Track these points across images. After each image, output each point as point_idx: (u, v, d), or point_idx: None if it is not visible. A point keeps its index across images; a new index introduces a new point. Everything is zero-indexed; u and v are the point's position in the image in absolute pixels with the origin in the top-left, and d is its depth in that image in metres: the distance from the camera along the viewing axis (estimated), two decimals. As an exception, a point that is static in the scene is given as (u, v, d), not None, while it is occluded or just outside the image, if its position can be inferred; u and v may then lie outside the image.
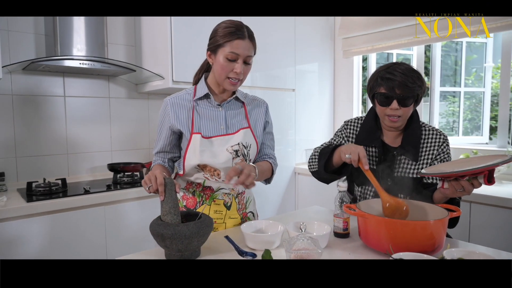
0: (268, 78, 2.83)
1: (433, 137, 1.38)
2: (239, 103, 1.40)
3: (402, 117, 1.30)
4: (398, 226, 1.03)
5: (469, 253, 0.94)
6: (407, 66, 1.30)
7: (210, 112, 1.33)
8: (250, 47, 1.25)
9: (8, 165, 2.19)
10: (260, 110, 1.43)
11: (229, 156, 1.29)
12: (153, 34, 2.43)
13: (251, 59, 1.27)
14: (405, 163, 1.37)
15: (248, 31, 1.26)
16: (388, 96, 1.28)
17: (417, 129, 1.36)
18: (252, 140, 1.35)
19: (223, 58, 1.22)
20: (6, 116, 2.18)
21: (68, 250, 1.88)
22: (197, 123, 1.30)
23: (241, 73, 1.25)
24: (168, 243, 1.00)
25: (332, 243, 1.17)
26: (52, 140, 2.34)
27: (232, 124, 1.34)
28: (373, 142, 1.40)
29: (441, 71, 3.13)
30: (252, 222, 1.22)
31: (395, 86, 1.26)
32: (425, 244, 1.01)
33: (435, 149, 1.36)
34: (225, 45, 1.21)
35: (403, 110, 1.28)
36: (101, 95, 2.52)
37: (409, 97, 1.27)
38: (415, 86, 1.26)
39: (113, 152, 2.58)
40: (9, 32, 2.15)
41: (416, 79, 1.27)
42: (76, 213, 1.94)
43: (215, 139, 1.29)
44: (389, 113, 1.30)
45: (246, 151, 1.32)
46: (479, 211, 2.06)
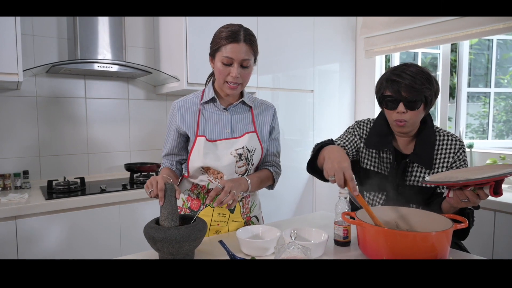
0: (286, 79, 2.80)
1: (448, 143, 1.29)
2: (246, 107, 1.38)
3: (410, 122, 1.23)
4: (398, 237, 0.98)
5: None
6: (416, 68, 1.22)
7: (216, 115, 1.33)
8: (246, 50, 1.22)
9: (32, 163, 2.30)
10: (267, 114, 1.41)
11: (233, 159, 1.28)
12: (169, 37, 2.47)
13: (248, 62, 1.24)
14: (418, 171, 1.29)
15: (246, 34, 1.23)
16: (394, 99, 1.22)
17: (431, 135, 1.29)
18: (257, 144, 1.34)
19: (219, 63, 1.23)
20: (31, 117, 2.28)
21: (83, 247, 1.95)
22: (203, 126, 1.31)
23: (238, 77, 1.23)
24: (159, 246, 1.00)
25: (330, 251, 1.13)
26: (73, 140, 2.43)
27: (238, 128, 1.34)
28: (385, 147, 1.32)
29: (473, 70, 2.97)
30: (249, 227, 1.20)
31: (401, 89, 1.19)
32: (426, 256, 0.95)
33: (451, 156, 1.28)
34: (221, 49, 1.21)
35: (411, 114, 1.21)
36: (120, 96, 2.59)
37: (416, 100, 1.19)
38: (423, 88, 1.18)
39: (132, 152, 2.65)
40: (34, 36, 2.26)
41: (424, 80, 1.19)
42: (92, 211, 2.01)
43: (219, 142, 1.30)
44: (395, 117, 1.24)
45: (250, 155, 1.31)
46: (504, 221, 1.94)
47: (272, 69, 2.70)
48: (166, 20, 2.50)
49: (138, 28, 2.61)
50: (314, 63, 2.95)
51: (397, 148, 1.34)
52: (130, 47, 2.58)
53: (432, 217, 1.10)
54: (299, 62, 2.85)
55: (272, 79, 2.71)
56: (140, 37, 2.62)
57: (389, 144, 1.31)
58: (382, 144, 1.33)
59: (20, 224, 1.80)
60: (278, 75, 2.76)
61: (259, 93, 2.63)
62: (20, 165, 2.25)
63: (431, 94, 1.22)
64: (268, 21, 2.60)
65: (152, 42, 2.68)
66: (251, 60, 1.25)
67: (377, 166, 1.36)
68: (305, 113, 2.95)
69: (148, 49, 2.67)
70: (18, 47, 1.84)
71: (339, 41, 3.12)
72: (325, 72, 3.06)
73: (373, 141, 1.35)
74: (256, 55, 1.29)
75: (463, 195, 1.02)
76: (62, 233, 1.91)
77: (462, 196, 1.02)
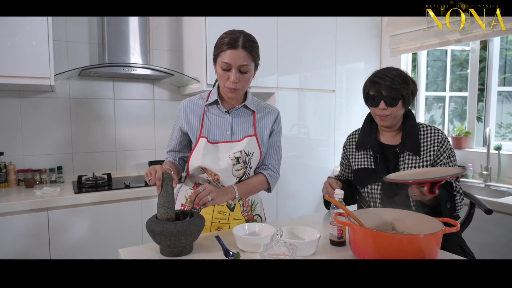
0: (307, 79, 2.81)
1: (431, 134, 1.44)
2: (248, 111, 1.42)
3: (391, 116, 1.41)
4: (385, 239, 0.99)
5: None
6: (396, 71, 1.41)
7: (218, 118, 1.39)
8: (244, 56, 1.24)
9: (66, 160, 2.49)
10: (269, 118, 1.44)
11: (230, 162, 1.33)
12: (191, 39, 2.57)
13: (247, 68, 1.27)
14: (408, 158, 1.43)
15: (245, 41, 1.26)
16: (376, 97, 1.41)
17: (414, 126, 1.46)
18: (256, 148, 1.38)
19: (219, 68, 1.28)
20: (64, 117, 2.47)
21: (108, 239, 2.09)
22: (206, 127, 1.37)
23: (237, 82, 1.26)
24: (158, 239, 1.08)
25: (322, 250, 1.16)
26: (102, 138, 2.60)
27: (238, 131, 1.38)
28: (369, 143, 1.50)
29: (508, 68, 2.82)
30: (246, 224, 1.25)
31: (381, 88, 1.39)
32: (413, 258, 0.96)
33: (435, 145, 1.42)
34: (220, 55, 1.26)
35: (391, 110, 1.40)
36: (146, 97, 2.73)
37: (394, 97, 1.38)
38: (400, 88, 1.37)
39: (156, 150, 2.78)
40: (68, 42, 2.44)
41: (402, 81, 1.38)
42: (117, 205, 2.15)
43: (220, 144, 1.35)
44: (378, 113, 1.43)
45: (248, 158, 1.36)
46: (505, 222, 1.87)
47: (292, 69, 2.72)
48: (189, 23, 2.60)
49: (163, 32, 2.74)
50: (336, 63, 2.93)
51: (384, 142, 1.51)
52: (156, 50, 2.71)
53: (426, 220, 1.10)
54: (320, 62, 2.85)
55: (292, 80, 2.74)
56: (165, 40, 2.75)
57: (372, 140, 1.50)
58: (366, 142, 1.52)
59: (52, 215, 1.97)
60: (299, 76, 2.78)
61: (279, 94, 2.66)
62: (55, 161, 2.45)
63: (408, 93, 1.40)
64: (287, 21, 2.63)
65: (176, 45, 2.79)
66: (250, 65, 1.28)
67: (366, 163, 1.51)
68: (327, 113, 2.94)
69: (173, 52, 2.79)
70: (50, 53, 2.00)
71: (363, 40, 3.08)
72: (348, 72, 3.03)
73: (361, 142, 1.54)
74: (257, 61, 1.32)
75: (411, 190, 1.24)
76: (88, 225, 2.06)
77: (411, 191, 1.24)
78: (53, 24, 2.08)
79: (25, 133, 2.37)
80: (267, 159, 1.45)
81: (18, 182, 2.29)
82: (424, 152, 1.42)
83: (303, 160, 2.85)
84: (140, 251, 1.18)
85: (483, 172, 2.46)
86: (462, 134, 2.69)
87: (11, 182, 2.26)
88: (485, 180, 2.45)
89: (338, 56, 2.93)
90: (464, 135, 2.68)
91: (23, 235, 1.90)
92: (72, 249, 2.02)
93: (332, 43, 2.89)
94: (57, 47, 2.37)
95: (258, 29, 2.47)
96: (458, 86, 3.24)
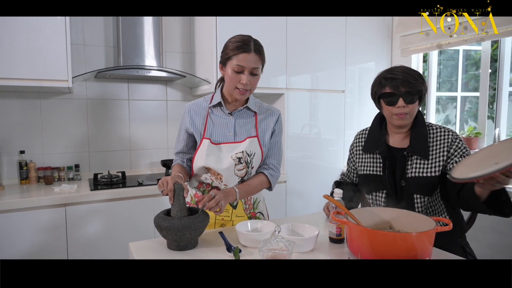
0: (317, 80, 2.85)
1: (441, 135, 1.38)
2: (251, 112, 1.48)
3: (410, 114, 1.35)
4: (379, 237, 1.03)
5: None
6: (406, 67, 1.37)
7: (222, 119, 1.45)
8: (256, 59, 1.32)
9: (83, 158, 2.61)
10: (271, 119, 1.49)
11: (232, 162, 1.39)
12: (202, 42, 2.64)
13: (257, 70, 1.34)
14: (417, 162, 1.38)
15: (255, 45, 1.33)
16: (394, 95, 1.34)
17: (423, 128, 1.40)
18: (258, 148, 1.43)
19: (231, 70, 1.33)
20: (81, 117, 2.59)
21: (121, 233, 2.18)
22: (210, 129, 1.43)
23: (248, 84, 1.33)
24: (165, 233, 1.15)
25: (321, 247, 1.20)
26: (117, 137, 2.70)
27: (241, 132, 1.44)
28: (378, 148, 1.45)
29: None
30: (249, 221, 1.30)
31: (399, 84, 1.32)
32: (406, 255, 0.99)
33: (445, 146, 1.36)
34: (233, 58, 1.32)
35: (410, 107, 1.34)
36: (159, 98, 2.82)
37: (413, 93, 1.33)
38: (417, 83, 1.32)
39: (169, 149, 2.87)
40: (85, 46, 2.55)
41: (417, 76, 1.33)
42: (130, 202, 2.24)
43: (223, 145, 1.41)
44: (396, 111, 1.35)
45: (249, 159, 1.42)
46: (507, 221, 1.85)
47: (302, 70, 2.76)
48: (200, 26, 2.67)
49: (176, 35, 2.82)
50: (346, 63, 2.95)
51: (393, 145, 1.45)
52: (168, 52, 2.80)
53: (421, 219, 1.13)
54: (330, 63, 2.88)
55: (301, 80, 2.78)
56: (177, 43, 2.83)
57: (382, 145, 1.44)
58: (376, 146, 1.46)
59: (69, 210, 2.07)
60: (308, 76, 2.82)
61: (288, 94, 2.70)
62: (72, 159, 2.57)
63: (424, 89, 1.36)
64: (297, 22, 2.67)
65: (188, 47, 2.87)
66: (259, 68, 1.36)
67: (372, 169, 1.47)
68: (337, 113, 2.97)
69: (185, 54, 2.87)
70: (68, 57, 2.11)
71: (373, 41, 3.09)
72: (358, 72, 3.05)
73: (369, 145, 1.49)
74: (264, 64, 1.39)
75: (494, 180, 1.04)
76: (103, 220, 2.16)
77: (493, 181, 1.05)
78: (71, 28, 2.18)
79: (45, 133, 2.49)
80: (268, 158, 1.50)
81: (38, 179, 2.42)
82: (433, 155, 1.36)
83: (313, 159, 2.89)
84: (148, 245, 1.25)
85: (493, 173, 2.44)
86: (473, 134, 2.67)
87: (31, 179, 2.38)
88: (495, 181, 2.44)
89: (348, 57, 2.95)
90: (474, 135, 2.67)
91: (43, 229, 2.01)
92: (87, 243, 2.12)
93: (342, 44, 2.91)
94: (75, 50, 2.48)
95: (267, 30, 2.54)
96: (474, 85, 3.21)
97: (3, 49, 1.97)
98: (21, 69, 2.02)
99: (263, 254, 1.01)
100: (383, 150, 1.43)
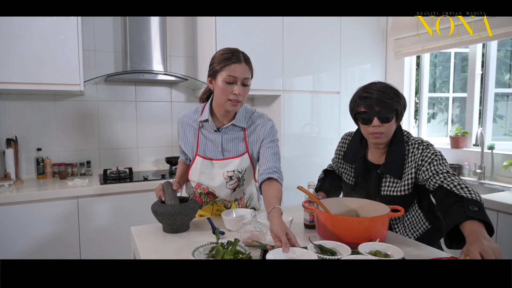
0: (312, 81, 3.01)
1: (414, 151, 1.35)
2: (238, 128, 1.47)
3: (385, 133, 1.34)
4: (340, 221, 1.20)
5: (387, 247, 1.07)
6: (383, 84, 1.35)
7: (210, 135, 1.47)
8: (246, 70, 1.33)
9: (93, 155, 2.83)
10: (260, 131, 1.47)
11: (224, 180, 1.47)
12: (203, 46, 2.83)
13: (248, 81, 1.35)
14: (390, 181, 1.39)
15: (244, 55, 1.35)
16: (368, 114, 1.33)
17: (400, 146, 1.37)
18: (248, 163, 1.48)
19: (222, 82, 1.32)
20: (93, 117, 2.81)
21: (128, 224, 2.39)
22: (202, 145, 1.48)
23: (240, 95, 1.33)
24: (160, 218, 1.34)
25: (296, 230, 1.36)
26: (125, 136, 2.92)
27: (228, 149, 1.46)
28: (355, 162, 1.48)
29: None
30: (234, 209, 1.48)
31: (373, 104, 1.31)
32: (362, 237, 1.15)
33: (415, 160, 1.34)
34: (223, 69, 1.31)
35: (385, 126, 1.33)
36: (164, 99, 3.03)
37: (388, 112, 1.31)
38: (392, 102, 1.30)
39: (173, 147, 3.07)
40: (96, 52, 2.77)
41: (392, 95, 1.31)
42: (137, 195, 2.45)
43: (215, 162, 1.47)
44: (371, 131, 1.34)
45: (240, 175, 1.47)
46: (507, 221, 1.98)
47: (298, 72, 2.93)
48: (201, 31, 2.86)
49: (179, 40, 3.02)
50: (341, 66, 3.11)
51: (371, 161, 1.46)
52: (173, 56, 3.00)
53: (381, 207, 1.29)
54: (325, 65, 3.03)
55: (297, 82, 2.94)
56: (181, 48, 3.03)
57: (359, 160, 1.46)
58: (354, 159, 1.48)
59: (81, 203, 2.29)
60: (304, 78, 2.98)
61: (284, 96, 2.88)
62: (84, 156, 2.79)
63: (400, 107, 1.34)
64: (293, 27, 2.83)
65: (191, 51, 3.07)
66: (250, 78, 1.37)
67: (348, 179, 1.54)
68: (332, 114, 3.12)
69: (188, 58, 3.07)
70: (80, 63, 2.32)
71: (369, 43, 3.23)
72: (353, 74, 3.20)
73: (348, 156, 1.52)
74: (252, 74, 1.40)
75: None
76: (112, 211, 2.37)
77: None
78: (83, 35, 2.39)
79: (59, 132, 2.72)
80: (269, 162, 1.41)
81: (53, 174, 2.65)
82: (405, 173, 1.34)
83: (311, 158, 3.04)
84: (146, 229, 1.44)
85: (476, 171, 2.58)
86: (460, 134, 2.80)
87: (47, 174, 2.61)
88: (479, 178, 2.57)
89: (343, 59, 3.10)
90: (462, 135, 2.80)
91: (58, 219, 2.23)
92: (98, 231, 2.33)
93: (337, 46, 3.06)
94: (86, 55, 2.70)
95: (264, 36, 2.72)
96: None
97: (21, 55, 2.19)
98: (38, 74, 2.24)
99: (241, 235, 1.19)
100: (358, 166, 1.45)
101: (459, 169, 2.73)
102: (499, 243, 2.01)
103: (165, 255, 1.16)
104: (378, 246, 1.08)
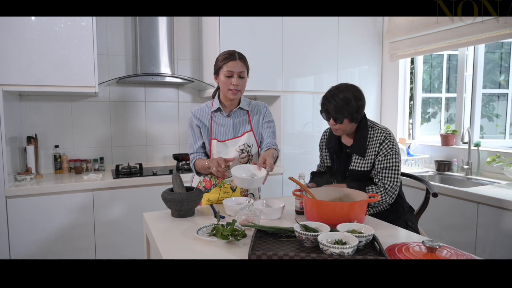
0: (311, 82, 3.19)
1: (376, 135, 1.68)
2: (244, 111, 1.85)
3: (341, 129, 1.69)
4: (323, 206, 1.38)
5: (361, 227, 1.25)
6: (344, 88, 1.66)
7: (222, 121, 1.81)
8: (241, 65, 1.70)
9: (106, 151, 3.04)
10: (260, 114, 1.86)
11: (237, 154, 1.77)
12: (208, 49, 3.03)
13: (244, 74, 1.72)
14: (356, 158, 1.71)
15: (239, 54, 1.72)
16: (327, 115, 1.70)
17: (364, 131, 1.71)
18: (253, 140, 1.81)
19: (223, 76, 1.71)
20: (105, 117, 3.02)
21: (138, 215, 2.59)
22: (215, 130, 1.80)
23: (238, 85, 1.69)
24: (169, 204, 1.54)
25: (287, 216, 1.56)
26: (135, 134, 3.13)
27: (238, 129, 1.82)
28: (330, 144, 1.83)
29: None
30: (234, 198, 1.68)
31: (328, 109, 1.66)
32: (342, 220, 1.32)
33: (377, 144, 1.66)
34: (223, 67, 1.70)
35: (339, 125, 1.68)
36: (172, 100, 3.23)
37: (341, 118, 1.65)
38: (343, 110, 1.63)
39: (180, 145, 3.28)
40: (108, 56, 2.98)
41: (344, 104, 1.62)
42: (146, 189, 2.65)
43: (228, 141, 1.79)
44: (331, 126, 1.74)
45: (249, 149, 1.80)
46: (487, 213, 2.13)
47: (298, 73, 3.11)
48: (207, 35, 3.06)
49: (186, 44, 3.22)
50: (338, 67, 3.28)
51: (344, 143, 1.80)
52: (180, 60, 3.20)
53: (361, 195, 1.47)
54: (323, 67, 3.21)
55: (297, 84, 3.12)
56: (187, 51, 3.23)
57: (334, 142, 1.81)
58: (330, 143, 1.84)
59: (96, 195, 2.50)
60: (304, 79, 3.16)
61: (284, 96, 3.06)
62: (98, 153, 3.01)
63: (351, 112, 1.64)
64: (293, 32, 3.01)
65: (197, 55, 3.27)
66: (245, 72, 1.74)
67: (328, 161, 1.85)
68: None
69: (194, 61, 3.27)
70: (95, 66, 2.52)
71: (365, 46, 3.40)
72: (352, 75, 3.37)
73: (327, 142, 1.87)
74: (248, 69, 1.76)
75: None
76: (124, 203, 2.58)
77: None
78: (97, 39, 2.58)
79: (75, 130, 2.94)
80: (267, 139, 1.81)
81: (69, 169, 2.86)
82: (368, 153, 1.68)
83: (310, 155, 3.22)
84: (157, 215, 1.64)
85: (464, 167, 2.74)
86: (450, 132, 2.96)
87: (64, 169, 2.83)
88: (466, 173, 2.73)
89: (341, 61, 3.27)
90: (451, 133, 2.96)
91: (74, 210, 2.44)
92: (111, 221, 2.54)
93: (335, 49, 3.23)
94: (100, 59, 2.90)
95: (265, 40, 2.91)
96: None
97: (40, 59, 2.40)
98: (56, 77, 2.44)
99: (238, 218, 1.38)
100: (332, 147, 1.80)
101: (449, 165, 2.89)
102: (478, 232, 2.18)
103: (173, 235, 1.36)
104: (354, 226, 1.26)
